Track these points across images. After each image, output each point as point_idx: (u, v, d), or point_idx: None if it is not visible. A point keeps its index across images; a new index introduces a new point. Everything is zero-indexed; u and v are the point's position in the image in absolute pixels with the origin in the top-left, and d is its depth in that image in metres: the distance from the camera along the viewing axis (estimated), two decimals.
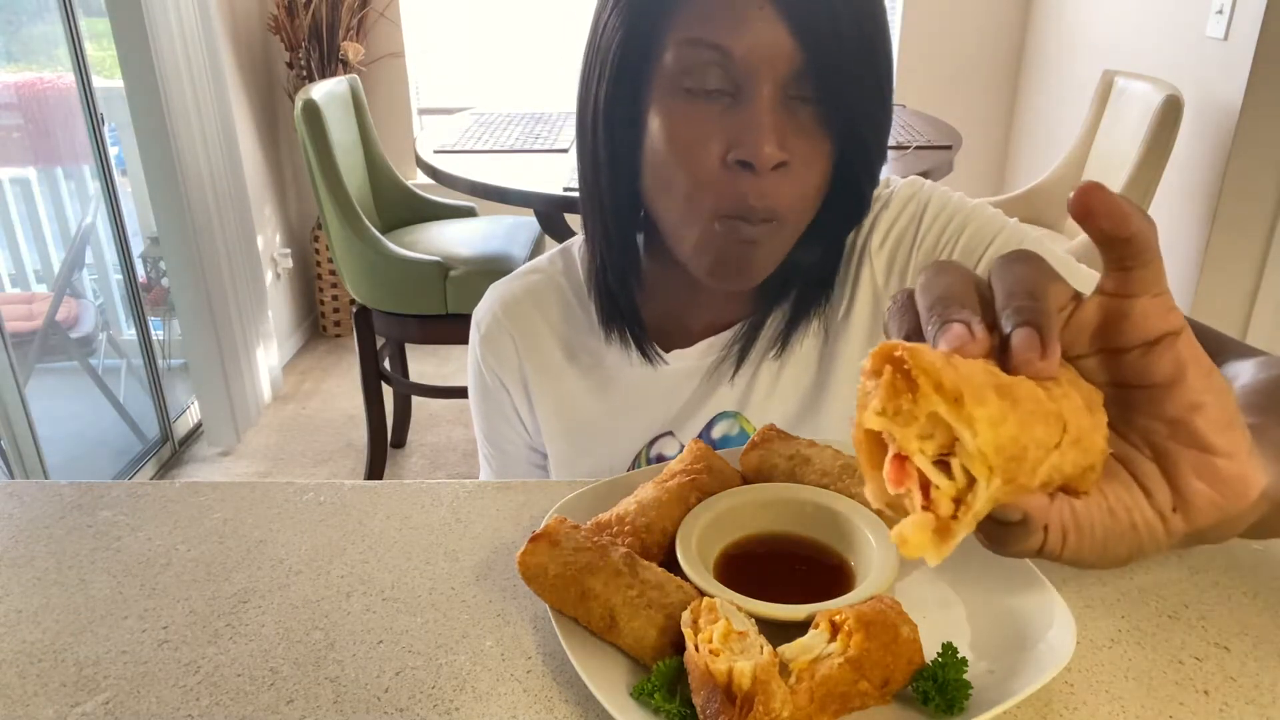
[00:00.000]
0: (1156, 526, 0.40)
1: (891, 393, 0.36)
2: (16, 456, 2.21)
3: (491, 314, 0.86)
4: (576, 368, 0.84)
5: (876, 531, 0.56)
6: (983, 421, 0.34)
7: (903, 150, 2.35)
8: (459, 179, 2.24)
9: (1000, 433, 0.34)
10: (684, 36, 0.65)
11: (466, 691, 0.50)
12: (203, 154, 2.69)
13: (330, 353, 3.58)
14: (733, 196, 0.66)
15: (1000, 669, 0.48)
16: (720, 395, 0.80)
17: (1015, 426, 0.34)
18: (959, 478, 0.36)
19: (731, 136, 0.65)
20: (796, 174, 0.66)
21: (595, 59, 0.71)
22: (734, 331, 0.80)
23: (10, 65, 2.60)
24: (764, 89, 0.64)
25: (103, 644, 0.54)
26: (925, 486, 0.36)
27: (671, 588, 0.51)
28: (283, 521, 0.66)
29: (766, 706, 0.42)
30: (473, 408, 0.91)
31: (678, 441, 0.82)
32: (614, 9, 0.68)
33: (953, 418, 0.34)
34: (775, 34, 0.63)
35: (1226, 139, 2.21)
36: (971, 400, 0.34)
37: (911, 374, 0.35)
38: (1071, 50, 3.16)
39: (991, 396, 0.34)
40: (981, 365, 0.36)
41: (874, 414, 0.36)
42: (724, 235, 0.68)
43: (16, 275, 2.80)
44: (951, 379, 0.34)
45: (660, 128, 0.68)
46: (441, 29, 3.69)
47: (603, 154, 0.72)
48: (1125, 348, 0.39)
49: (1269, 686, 0.49)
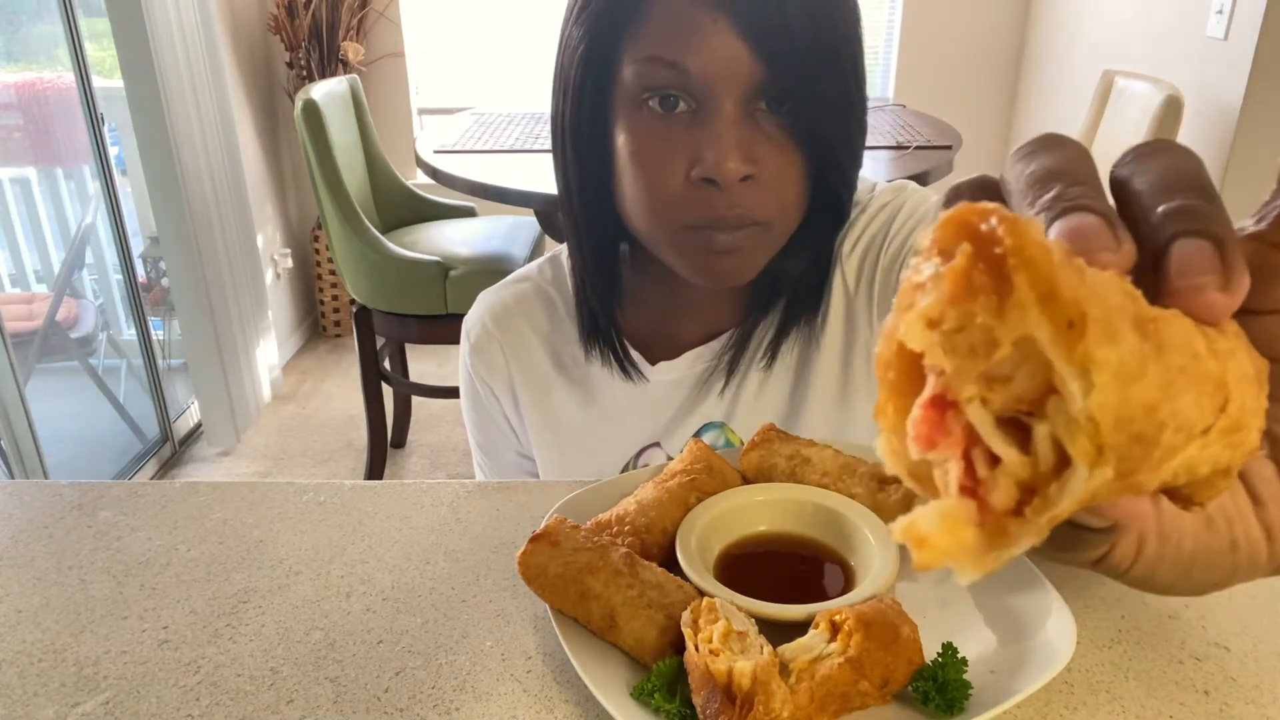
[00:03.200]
0: (1260, 547, 0.30)
1: (964, 288, 0.21)
2: (16, 456, 2.21)
3: (481, 323, 0.85)
4: (564, 378, 0.84)
5: (876, 531, 0.56)
6: (1107, 369, 0.20)
7: (903, 150, 2.35)
8: (459, 179, 2.24)
9: (1131, 394, 0.21)
10: (643, 54, 0.65)
11: (466, 691, 0.50)
12: (203, 154, 2.69)
13: (330, 353, 3.58)
14: (702, 210, 0.65)
15: (1000, 669, 0.48)
16: (707, 406, 0.80)
17: (1155, 388, 0.21)
18: (1042, 454, 0.22)
19: (694, 153, 0.64)
20: (767, 184, 0.65)
21: (560, 75, 0.71)
22: (721, 342, 0.79)
23: (10, 65, 2.60)
24: (725, 104, 0.63)
25: (103, 644, 0.54)
26: (971, 455, 0.23)
27: (671, 588, 0.51)
28: (283, 521, 0.66)
29: (766, 706, 0.42)
30: (465, 415, 0.91)
31: (664, 453, 0.81)
32: (575, 24, 0.68)
33: (1058, 353, 0.21)
34: (732, 49, 0.62)
35: (1226, 139, 2.21)
36: (1098, 332, 0.20)
37: (1006, 265, 0.21)
38: (1071, 50, 3.16)
39: (1128, 332, 0.21)
40: (1118, 282, 0.22)
41: (922, 322, 0.22)
42: (698, 242, 0.67)
43: (16, 275, 2.80)
44: (1072, 288, 0.20)
45: (625, 144, 0.67)
46: (441, 29, 3.69)
47: (573, 171, 0.72)
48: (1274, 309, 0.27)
49: (1269, 686, 0.49)
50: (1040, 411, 0.22)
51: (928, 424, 0.23)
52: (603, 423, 0.83)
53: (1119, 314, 0.21)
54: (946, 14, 3.49)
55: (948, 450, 0.23)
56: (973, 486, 0.23)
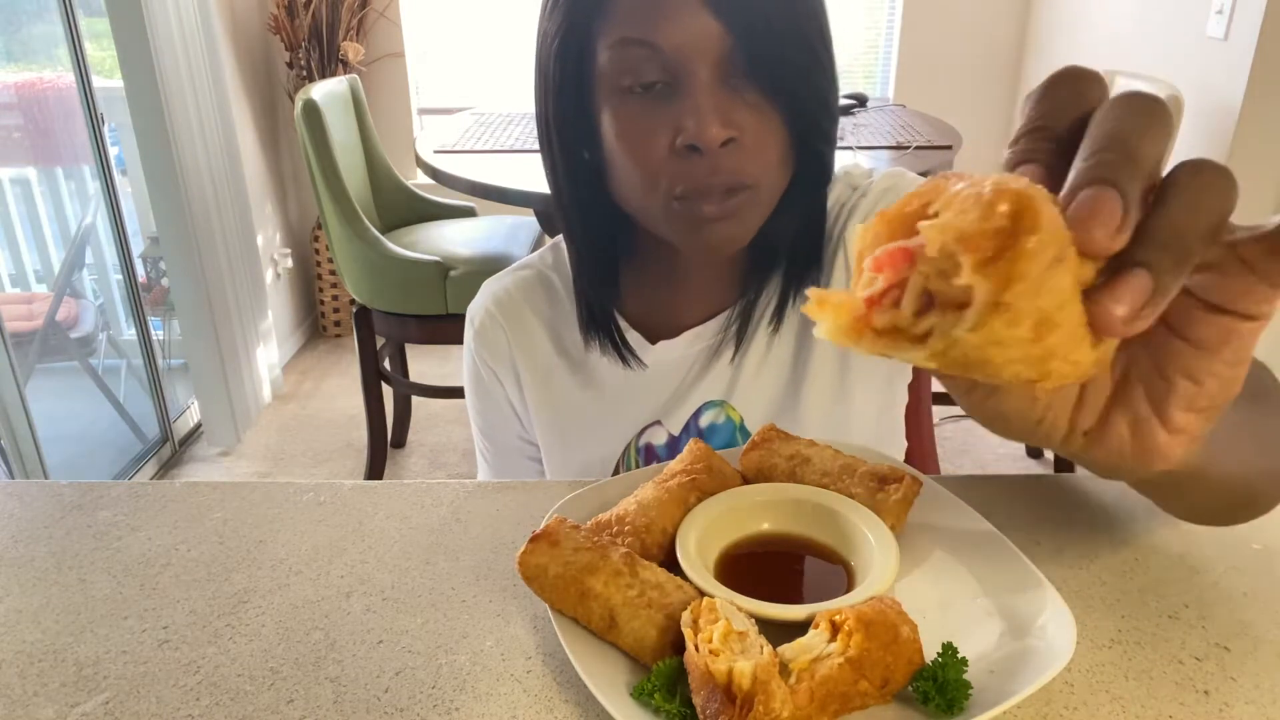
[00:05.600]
0: (1059, 427, 0.39)
1: (986, 217, 0.29)
2: (16, 456, 2.21)
3: (484, 309, 0.88)
4: (566, 360, 0.86)
5: (876, 531, 0.56)
6: (992, 334, 0.30)
7: (903, 150, 2.35)
8: (459, 179, 2.24)
9: (994, 340, 0.30)
10: (615, 38, 0.67)
11: (466, 691, 0.50)
12: (203, 154, 2.69)
13: (330, 353, 3.58)
14: (689, 178, 0.68)
15: (1000, 669, 0.48)
16: (707, 384, 0.82)
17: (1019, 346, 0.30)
18: (920, 317, 0.32)
19: (676, 124, 0.66)
20: (749, 147, 0.68)
21: (540, 71, 0.73)
22: (720, 320, 0.81)
23: (10, 65, 2.60)
24: (700, 74, 0.66)
25: (103, 644, 0.54)
26: (890, 291, 0.32)
27: (671, 588, 0.51)
28: (283, 521, 0.66)
29: (766, 706, 0.42)
30: (469, 403, 0.93)
31: (666, 430, 0.83)
32: (548, 19, 0.71)
33: (982, 309, 0.30)
34: (700, 21, 0.65)
35: (1226, 139, 2.21)
36: (1007, 315, 0.29)
37: (1015, 229, 0.29)
38: (1071, 50, 3.16)
39: (1026, 323, 0.30)
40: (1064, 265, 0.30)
41: (947, 221, 0.30)
42: (689, 212, 0.69)
43: (16, 275, 2.80)
44: (1028, 289, 0.29)
45: (610, 126, 0.70)
46: (441, 29, 3.69)
47: (561, 164, 0.75)
48: (1202, 298, 0.34)
49: (1269, 687, 0.49)
50: (943, 306, 0.31)
51: (889, 258, 0.32)
52: (604, 402, 0.84)
53: (1041, 310, 0.30)
54: (946, 14, 3.49)
55: (884, 274, 0.33)
56: (874, 300, 0.33)
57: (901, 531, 0.58)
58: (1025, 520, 0.64)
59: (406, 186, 2.88)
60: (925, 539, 0.59)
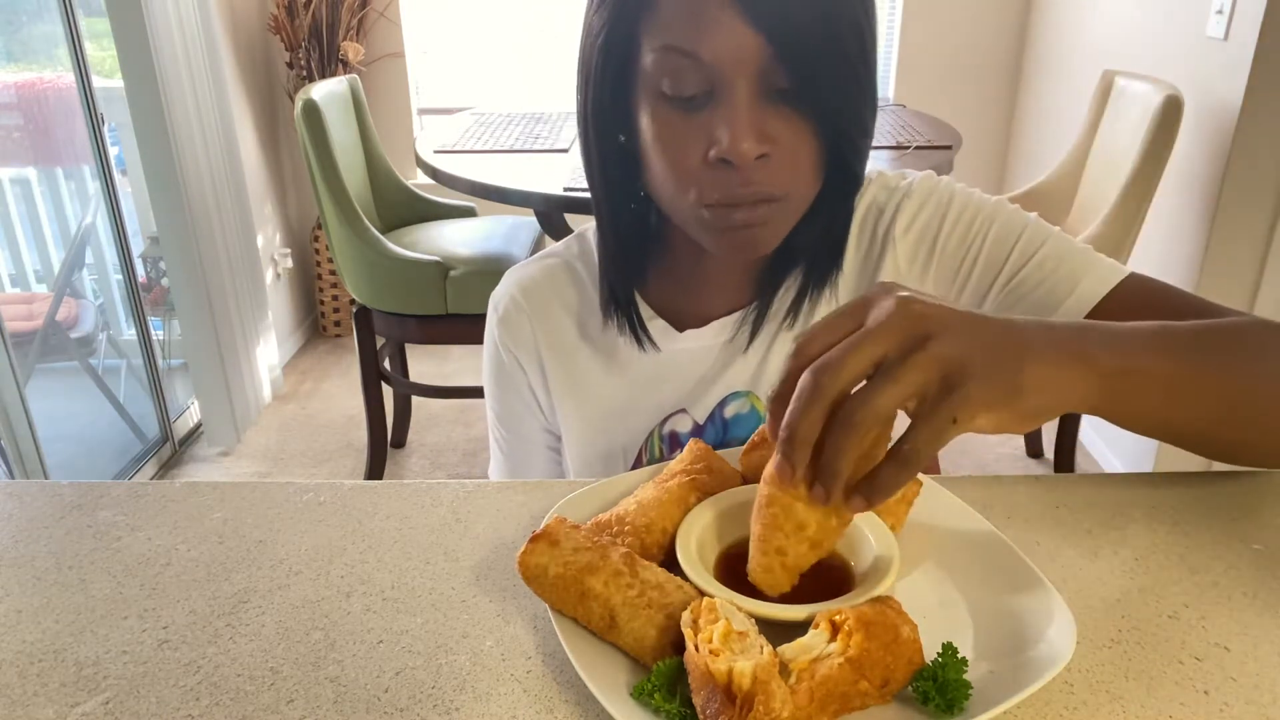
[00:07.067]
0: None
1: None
2: (16, 456, 2.21)
3: (509, 296, 0.88)
4: (591, 347, 0.86)
5: (876, 531, 0.56)
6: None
7: (903, 150, 2.35)
8: (459, 179, 2.24)
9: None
10: (658, 43, 0.67)
11: (466, 691, 0.50)
12: (203, 154, 2.69)
13: (330, 353, 3.58)
14: (720, 189, 0.69)
15: (1000, 669, 0.48)
16: (732, 374, 0.82)
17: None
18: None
19: (711, 136, 0.67)
20: (781, 161, 0.68)
21: (584, 60, 0.74)
22: (744, 313, 0.82)
23: (10, 65, 2.60)
24: (738, 87, 0.66)
25: (103, 644, 0.54)
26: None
27: (671, 588, 0.51)
28: (283, 521, 0.66)
29: (766, 706, 0.42)
30: (487, 392, 0.93)
31: (691, 419, 0.83)
32: (595, 13, 0.72)
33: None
34: (740, 33, 0.65)
35: (1226, 139, 2.21)
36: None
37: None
38: (1071, 50, 3.16)
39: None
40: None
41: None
42: (719, 219, 0.70)
43: (16, 275, 2.80)
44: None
45: (648, 128, 0.71)
46: (441, 29, 3.69)
47: (595, 152, 0.76)
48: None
49: (1269, 687, 0.49)
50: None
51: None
52: (629, 389, 0.85)
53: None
54: (946, 14, 3.49)
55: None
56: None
57: (901, 531, 0.58)
58: (1025, 520, 0.64)
59: (406, 186, 2.87)
60: (925, 539, 0.59)
